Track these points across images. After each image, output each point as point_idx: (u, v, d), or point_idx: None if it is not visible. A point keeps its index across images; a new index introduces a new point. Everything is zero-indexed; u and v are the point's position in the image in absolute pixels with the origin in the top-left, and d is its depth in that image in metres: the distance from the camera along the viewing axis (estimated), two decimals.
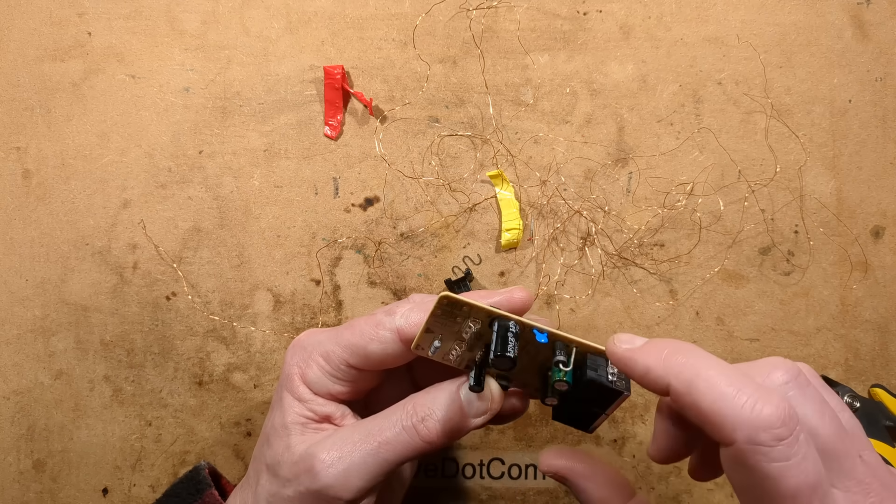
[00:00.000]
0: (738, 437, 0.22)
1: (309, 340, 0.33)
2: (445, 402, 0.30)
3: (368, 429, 0.31)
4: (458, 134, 0.45)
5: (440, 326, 0.30)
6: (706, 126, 0.44)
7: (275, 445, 0.32)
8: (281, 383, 0.33)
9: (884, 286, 0.44)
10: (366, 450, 0.30)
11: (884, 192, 0.44)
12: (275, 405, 0.33)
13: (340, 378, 0.32)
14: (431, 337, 0.30)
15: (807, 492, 0.21)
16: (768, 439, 0.21)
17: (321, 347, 0.32)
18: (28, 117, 0.45)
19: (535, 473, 0.44)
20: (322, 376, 0.32)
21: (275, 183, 0.45)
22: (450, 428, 0.30)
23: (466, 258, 0.45)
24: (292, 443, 0.31)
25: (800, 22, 0.45)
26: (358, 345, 0.31)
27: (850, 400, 0.42)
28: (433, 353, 0.30)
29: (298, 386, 0.32)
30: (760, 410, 0.22)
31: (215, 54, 0.45)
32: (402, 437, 0.30)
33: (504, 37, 0.45)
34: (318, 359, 0.32)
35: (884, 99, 0.44)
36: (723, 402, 0.22)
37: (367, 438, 0.30)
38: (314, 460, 0.30)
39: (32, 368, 0.44)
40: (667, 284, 0.44)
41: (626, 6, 0.45)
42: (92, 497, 0.44)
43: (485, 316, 0.29)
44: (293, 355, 0.33)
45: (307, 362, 0.32)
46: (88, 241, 0.44)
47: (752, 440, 0.21)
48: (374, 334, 0.31)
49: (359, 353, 0.31)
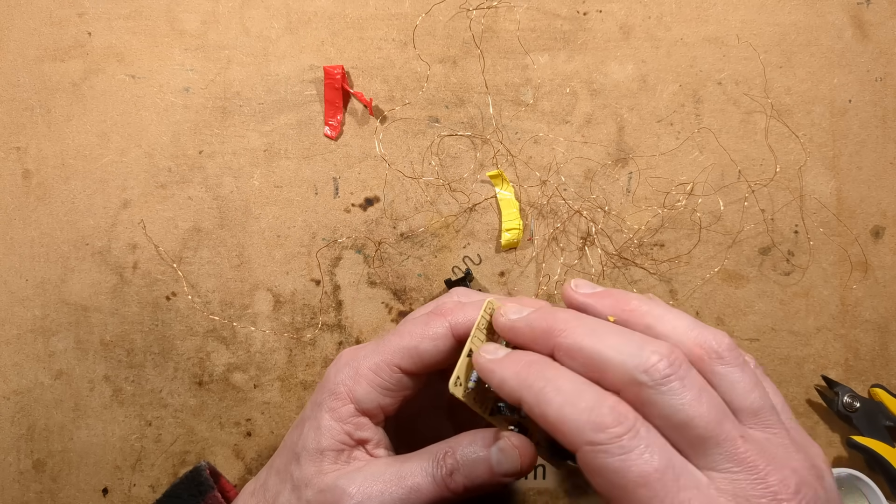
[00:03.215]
0: (580, 442, 0.24)
1: (355, 356, 0.33)
2: (475, 458, 0.30)
3: (399, 471, 0.31)
4: (458, 134, 0.45)
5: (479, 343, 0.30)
6: (706, 126, 0.44)
7: (305, 467, 0.32)
8: (320, 401, 0.33)
9: (884, 286, 0.44)
10: (396, 493, 0.30)
11: (884, 192, 0.44)
12: (309, 426, 0.33)
13: (391, 388, 0.32)
14: (470, 366, 0.30)
15: (655, 476, 0.23)
16: (605, 438, 0.23)
17: (369, 361, 0.32)
18: (28, 117, 0.45)
19: (536, 473, 0.44)
20: (371, 390, 0.32)
21: (275, 183, 0.45)
22: (477, 485, 0.30)
23: (466, 258, 0.45)
24: (325, 469, 0.31)
25: (800, 22, 0.45)
26: (409, 346, 0.32)
27: (850, 400, 0.42)
28: (472, 387, 0.30)
29: (344, 405, 0.32)
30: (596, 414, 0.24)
31: (215, 54, 0.45)
32: (431, 486, 0.30)
33: (504, 37, 0.45)
34: (367, 373, 0.32)
35: (884, 99, 0.44)
36: (565, 411, 0.24)
37: (398, 481, 0.30)
38: (343, 495, 0.30)
39: (32, 368, 0.44)
40: (667, 284, 0.44)
41: (626, 6, 0.45)
42: (92, 497, 0.44)
43: None
44: (338, 372, 0.33)
45: (356, 379, 0.32)
46: (88, 241, 0.44)
47: (592, 442, 0.23)
48: (425, 333, 0.32)
49: (411, 354, 0.32)
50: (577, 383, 0.25)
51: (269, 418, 0.44)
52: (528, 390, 0.26)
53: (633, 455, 0.23)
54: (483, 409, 0.30)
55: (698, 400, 0.24)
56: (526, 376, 0.26)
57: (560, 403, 0.25)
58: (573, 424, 0.24)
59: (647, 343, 0.25)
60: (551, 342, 0.27)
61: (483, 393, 0.30)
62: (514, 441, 0.30)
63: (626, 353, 0.25)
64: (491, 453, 0.30)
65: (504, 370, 0.27)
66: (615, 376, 0.25)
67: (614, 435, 0.23)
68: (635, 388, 0.24)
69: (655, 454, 0.23)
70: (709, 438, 0.24)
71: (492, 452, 0.30)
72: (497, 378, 0.27)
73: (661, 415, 0.24)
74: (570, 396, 0.25)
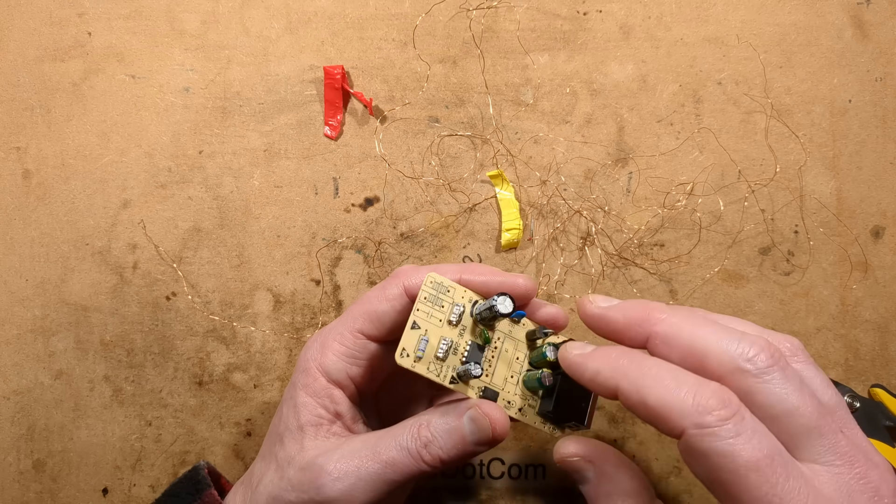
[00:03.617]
0: (686, 425, 0.23)
1: (321, 333, 0.34)
2: (448, 429, 0.30)
3: (376, 446, 0.31)
4: (458, 134, 0.45)
5: (425, 318, 0.30)
6: (706, 126, 0.44)
7: (289, 446, 0.32)
8: (294, 382, 0.34)
9: (884, 286, 0.44)
10: (372, 468, 0.30)
11: (884, 192, 0.44)
12: (287, 406, 0.33)
13: (357, 356, 0.33)
14: (417, 335, 0.30)
15: (765, 461, 0.22)
16: (713, 421, 0.23)
17: (334, 332, 0.33)
18: (28, 117, 0.45)
19: (536, 473, 0.44)
20: (338, 360, 0.33)
21: (275, 183, 0.45)
22: (452, 455, 0.30)
23: (466, 258, 0.45)
24: (306, 445, 0.32)
25: (800, 22, 0.45)
26: (368, 310, 0.32)
27: (850, 400, 0.42)
28: (420, 356, 0.30)
29: (315, 380, 0.33)
30: (701, 397, 0.23)
31: (215, 54, 0.45)
32: (407, 459, 0.30)
33: (504, 37, 0.45)
34: (332, 344, 0.33)
35: (884, 99, 0.44)
36: (668, 396, 0.24)
37: (373, 456, 0.30)
38: (321, 472, 0.30)
39: (32, 368, 0.44)
40: (667, 284, 0.44)
41: (626, 6, 0.45)
42: (92, 497, 0.44)
43: (468, 301, 0.31)
44: (307, 349, 0.34)
45: (323, 352, 0.33)
46: (88, 241, 0.44)
47: (699, 424, 0.23)
48: (381, 295, 0.32)
49: (370, 317, 0.32)
50: (676, 370, 0.25)
51: (269, 418, 0.44)
52: (624, 378, 0.25)
53: (742, 439, 0.23)
54: (442, 377, 0.30)
55: (801, 391, 0.24)
56: (620, 365, 0.26)
57: (661, 389, 0.24)
58: (677, 408, 0.23)
59: (745, 336, 0.25)
60: (647, 330, 0.27)
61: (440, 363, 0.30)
62: (485, 408, 0.30)
63: (727, 341, 0.25)
64: (463, 423, 0.30)
65: (597, 362, 0.27)
66: (718, 364, 0.25)
67: (722, 417, 0.23)
68: (738, 375, 0.24)
69: (763, 439, 0.23)
70: (812, 429, 0.24)
71: (463, 422, 0.30)
72: (590, 370, 0.27)
73: (765, 404, 0.24)
74: (670, 382, 0.24)
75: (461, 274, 0.32)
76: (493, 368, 0.31)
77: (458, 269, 0.32)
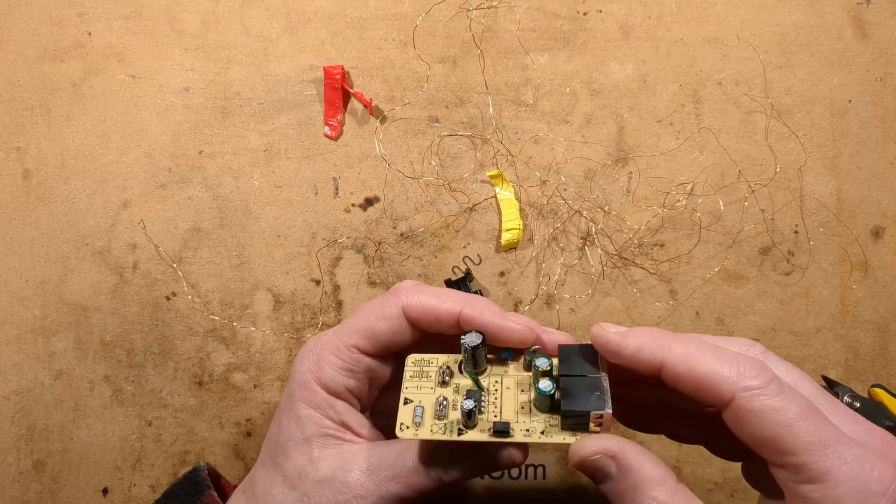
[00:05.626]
0: (736, 389, 0.25)
1: (317, 343, 0.33)
2: None
3: (395, 466, 0.31)
4: (458, 134, 0.45)
5: (416, 391, 0.30)
6: (706, 126, 0.44)
7: (295, 457, 0.32)
8: (292, 393, 0.33)
9: (884, 286, 0.44)
10: (393, 489, 0.30)
11: (884, 192, 0.44)
12: (286, 418, 0.33)
13: (354, 370, 0.32)
14: (412, 407, 0.30)
15: (812, 410, 0.25)
16: (760, 384, 0.25)
17: (330, 345, 0.33)
18: (28, 117, 0.45)
19: (535, 473, 0.44)
20: (336, 374, 0.32)
21: (275, 183, 0.45)
22: (470, 476, 0.31)
23: (466, 258, 0.45)
24: (315, 457, 0.31)
25: (800, 22, 0.45)
26: (365, 327, 0.32)
27: (850, 400, 0.42)
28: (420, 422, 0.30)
29: (315, 392, 0.32)
30: (743, 366, 0.26)
31: (215, 54, 0.45)
32: (426, 481, 0.30)
33: (504, 37, 0.45)
34: (329, 357, 0.32)
35: (884, 99, 0.44)
36: (716, 366, 0.26)
37: (394, 478, 0.31)
38: (342, 487, 0.30)
39: (32, 368, 0.44)
40: (667, 284, 0.44)
41: (626, 6, 0.45)
42: (92, 497, 0.44)
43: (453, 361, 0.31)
44: (302, 362, 0.33)
45: (319, 365, 0.32)
46: (88, 241, 0.44)
47: (748, 388, 0.25)
48: (379, 313, 0.32)
49: (367, 335, 0.32)
50: (713, 346, 0.27)
51: (268, 418, 0.44)
52: (669, 352, 0.27)
53: (788, 394, 0.25)
54: (448, 433, 0.30)
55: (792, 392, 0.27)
56: (665, 340, 0.27)
57: (708, 361, 0.26)
58: (726, 377, 0.26)
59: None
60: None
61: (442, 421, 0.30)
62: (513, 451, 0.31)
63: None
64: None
65: (639, 338, 0.28)
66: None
67: (766, 380, 0.25)
68: None
69: (801, 395, 0.26)
70: None
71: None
72: (632, 347, 0.28)
73: None
74: (712, 355, 0.26)
75: (463, 307, 0.31)
76: (499, 408, 0.31)
77: (462, 300, 0.32)
